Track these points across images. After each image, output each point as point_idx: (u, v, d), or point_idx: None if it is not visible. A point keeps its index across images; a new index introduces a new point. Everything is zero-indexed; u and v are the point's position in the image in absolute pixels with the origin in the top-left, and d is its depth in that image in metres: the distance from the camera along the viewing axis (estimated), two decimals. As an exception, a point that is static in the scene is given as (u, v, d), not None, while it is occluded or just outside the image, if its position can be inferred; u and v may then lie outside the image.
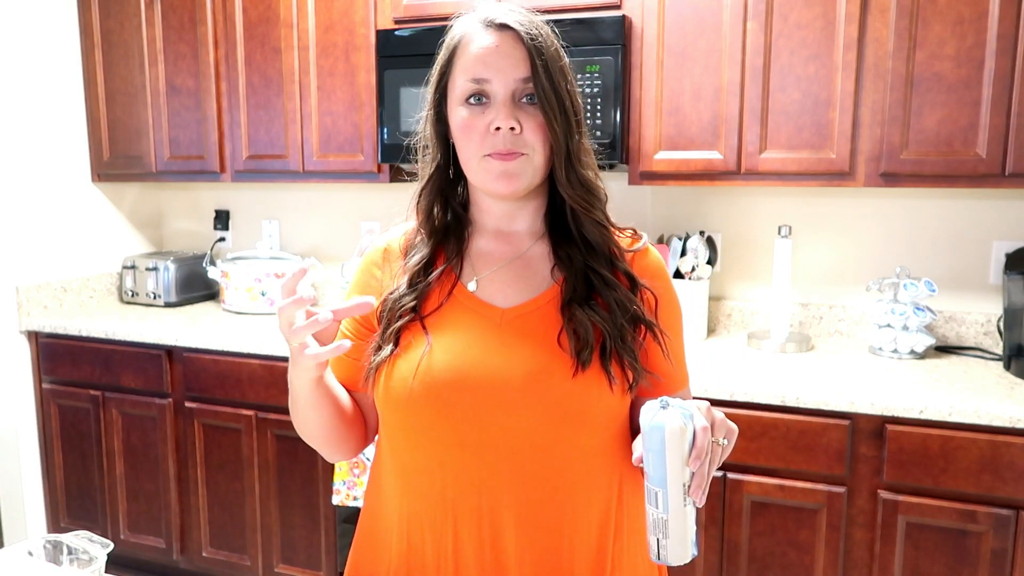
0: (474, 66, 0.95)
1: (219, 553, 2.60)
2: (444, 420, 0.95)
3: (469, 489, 0.95)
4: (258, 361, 2.43)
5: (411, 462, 0.99)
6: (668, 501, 0.82)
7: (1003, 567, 1.75)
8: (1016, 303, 2.05)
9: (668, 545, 0.83)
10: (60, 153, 2.86)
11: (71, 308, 2.90)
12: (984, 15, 1.91)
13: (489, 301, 1.00)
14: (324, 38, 2.54)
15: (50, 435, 2.79)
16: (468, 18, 0.99)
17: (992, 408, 1.74)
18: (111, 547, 1.06)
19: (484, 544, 0.96)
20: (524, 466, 0.95)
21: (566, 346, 0.95)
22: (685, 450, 0.81)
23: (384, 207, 2.92)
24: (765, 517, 1.94)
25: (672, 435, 0.80)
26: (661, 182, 2.25)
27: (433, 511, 0.97)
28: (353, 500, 2.27)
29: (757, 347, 2.30)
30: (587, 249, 1.01)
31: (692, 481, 0.81)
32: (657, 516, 0.83)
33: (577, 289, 0.98)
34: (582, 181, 0.98)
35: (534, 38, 0.95)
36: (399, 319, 0.99)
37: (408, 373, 0.96)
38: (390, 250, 1.08)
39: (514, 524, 0.95)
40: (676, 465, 0.81)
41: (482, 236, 1.06)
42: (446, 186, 1.05)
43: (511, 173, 0.95)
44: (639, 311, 0.99)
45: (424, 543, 0.98)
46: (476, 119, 0.95)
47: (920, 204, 2.33)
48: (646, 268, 1.04)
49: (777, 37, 2.08)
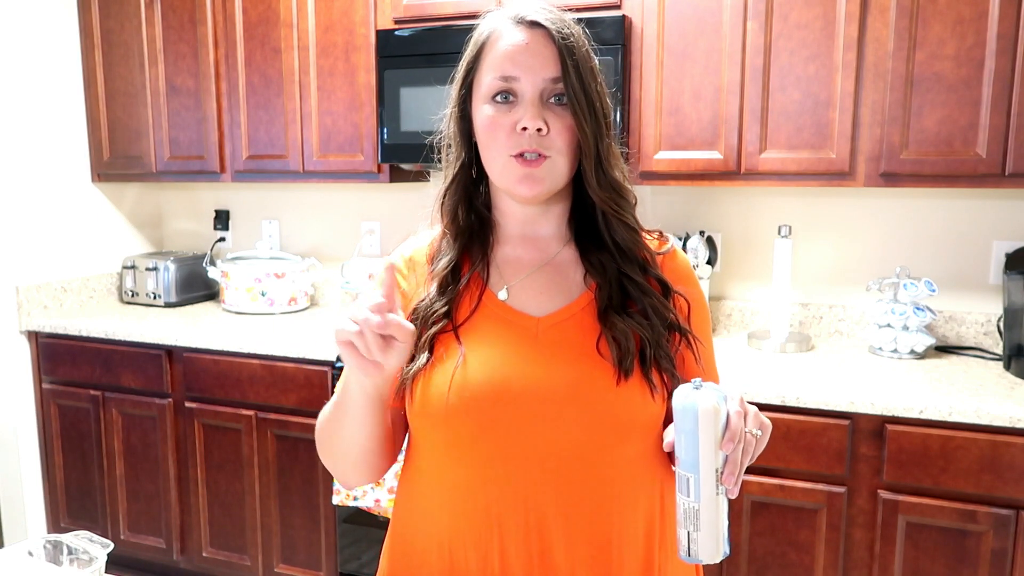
0: (503, 63, 0.93)
1: (219, 553, 2.60)
2: (486, 434, 0.92)
3: (515, 504, 0.92)
4: (258, 361, 2.43)
5: (453, 478, 0.95)
6: (700, 488, 0.78)
7: (1003, 567, 1.75)
8: (1016, 303, 2.05)
9: (699, 539, 0.79)
10: (60, 153, 2.86)
11: (71, 308, 2.90)
12: (984, 15, 1.90)
13: (522, 310, 0.97)
14: (324, 38, 2.54)
15: (50, 435, 2.79)
16: (498, 14, 0.96)
17: (992, 408, 1.74)
18: (111, 547, 1.06)
19: (532, 559, 0.93)
20: (570, 478, 0.92)
21: (607, 354, 0.93)
22: (719, 432, 0.78)
23: (384, 207, 2.93)
24: (765, 517, 1.94)
25: (706, 415, 0.77)
26: (661, 182, 2.25)
27: (478, 528, 0.93)
28: (353, 500, 2.27)
29: (757, 347, 2.30)
30: (619, 254, 0.98)
31: (725, 467, 0.78)
32: (688, 506, 0.79)
33: (612, 296, 0.96)
34: (612, 184, 0.96)
35: (565, 37, 0.92)
36: (432, 326, 0.96)
37: (444, 387, 0.92)
38: (415, 259, 1.04)
39: (562, 537, 0.92)
40: (709, 447, 0.77)
41: (507, 241, 1.03)
42: (470, 186, 1.01)
43: (535, 177, 0.92)
44: (675, 318, 0.97)
45: (468, 560, 0.94)
46: (502, 117, 0.93)
47: (920, 204, 2.33)
48: (676, 272, 1.02)
49: (777, 37, 2.08)
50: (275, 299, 2.82)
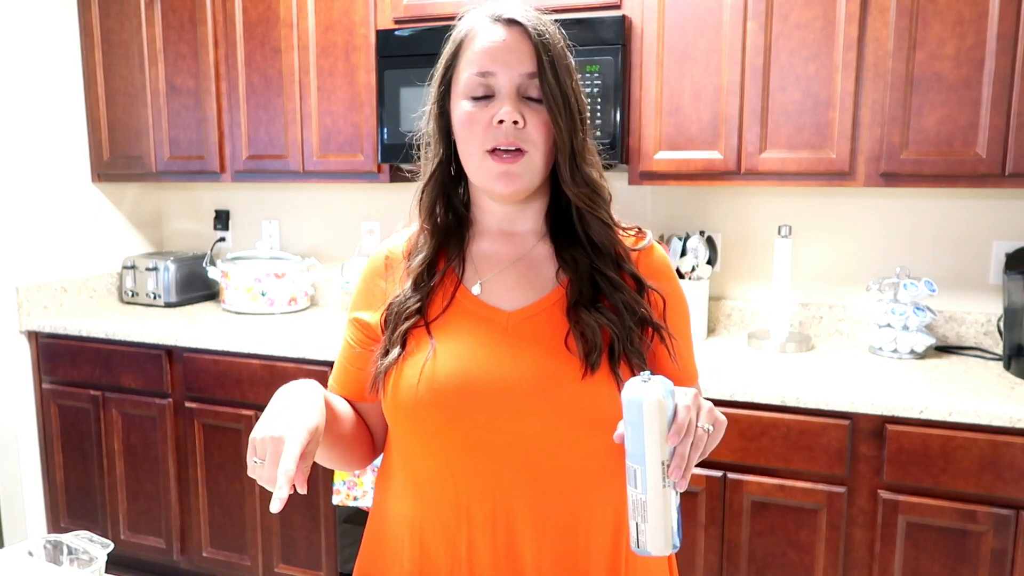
0: (480, 59, 0.95)
1: (219, 553, 2.60)
2: (453, 426, 0.94)
3: (482, 495, 0.95)
4: (258, 361, 2.43)
5: (423, 469, 0.98)
6: (647, 480, 0.79)
7: (1003, 567, 1.75)
8: (1016, 303, 2.05)
9: (648, 531, 0.80)
10: (60, 153, 2.86)
11: (71, 308, 2.90)
12: (984, 15, 1.90)
13: (494, 304, 0.99)
14: (324, 38, 2.54)
15: (50, 435, 2.79)
16: (476, 13, 0.99)
17: (992, 408, 1.74)
18: (111, 547, 1.06)
19: (499, 549, 0.95)
20: (536, 470, 0.94)
21: (574, 349, 0.94)
22: (664, 425, 0.79)
23: (384, 207, 2.93)
24: (765, 517, 1.94)
25: (651, 408, 0.78)
26: (661, 182, 2.25)
27: (446, 518, 0.96)
28: (353, 500, 2.27)
29: (757, 347, 2.30)
30: (593, 250, 1.00)
31: (672, 460, 0.79)
32: (636, 497, 0.80)
33: (583, 291, 0.97)
34: (587, 180, 0.97)
35: (541, 34, 0.94)
36: (405, 321, 0.98)
37: (414, 379, 0.95)
38: (392, 257, 1.07)
39: (529, 528, 0.94)
40: (654, 440, 0.79)
41: (484, 237, 1.04)
42: (448, 184, 1.03)
43: (511, 174, 0.94)
44: (647, 314, 0.98)
45: (437, 550, 0.97)
46: (480, 112, 0.95)
47: (920, 204, 2.33)
48: (652, 267, 1.03)
49: (777, 37, 2.08)
50: (275, 299, 2.82)
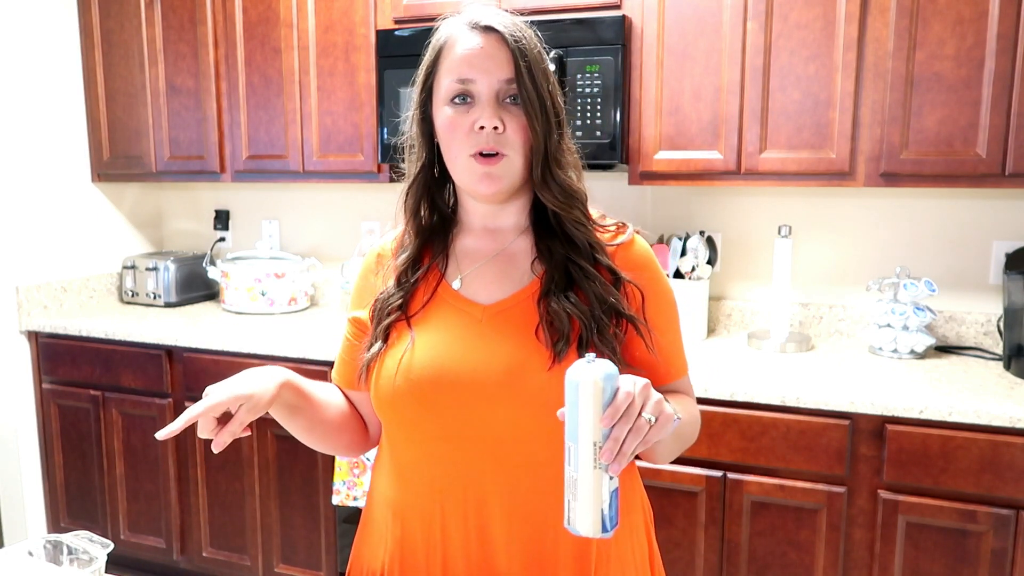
0: (459, 67, 0.98)
1: (219, 553, 2.60)
2: (429, 416, 0.99)
3: (456, 481, 1.00)
4: (258, 361, 2.43)
5: (404, 455, 1.04)
6: (579, 458, 0.81)
7: (1003, 567, 1.75)
8: (1016, 303, 2.05)
9: (577, 509, 0.81)
10: (60, 153, 2.86)
11: (71, 308, 2.90)
12: (984, 15, 1.90)
13: (472, 298, 1.03)
14: (324, 38, 2.54)
15: (50, 435, 2.79)
16: (454, 20, 1.02)
17: (992, 408, 1.74)
18: (111, 547, 1.06)
19: (471, 534, 1.00)
20: (508, 458, 0.98)
21: (543, 339, 0.97)
22: (600, 407, 0.80)
23: (384, 207, 2.92)
24: (765, 517, 1.94)
25: (586, 388, 0.80)
26: (661, 182, 2.25)
27: (423, 502, 1.02)
28: (353, 500, 2.27)
29: (757, 347, 2.30)
30: (568, 243, 1.02)
31: (605, 443, 0.80)
32: (569, 475, 0.82)
33: (556, 280, 1.00)
34: (559, 182, 1.00)
35: (518, 40, 0.97)
36: (388, 316, 1.04)
37: (393, 370, 1.00)
38: (383, 255, 1.12)
39: (500, 514, 0.99)
40: (588, 420, 0.80)
41: (468, 234, 1.08)
42: (432, 185, 1.07)
43: (493, 175, 0.98)
44: (617, 304, 0.99)
45: (416, 533, 1.03)
46: (461, 118, 0.98)
47: (920, 204, 2.33)
48: (630, 260, 1.04)
49: (777, 37, 2.08)
50: (275, 299, 2.82)
